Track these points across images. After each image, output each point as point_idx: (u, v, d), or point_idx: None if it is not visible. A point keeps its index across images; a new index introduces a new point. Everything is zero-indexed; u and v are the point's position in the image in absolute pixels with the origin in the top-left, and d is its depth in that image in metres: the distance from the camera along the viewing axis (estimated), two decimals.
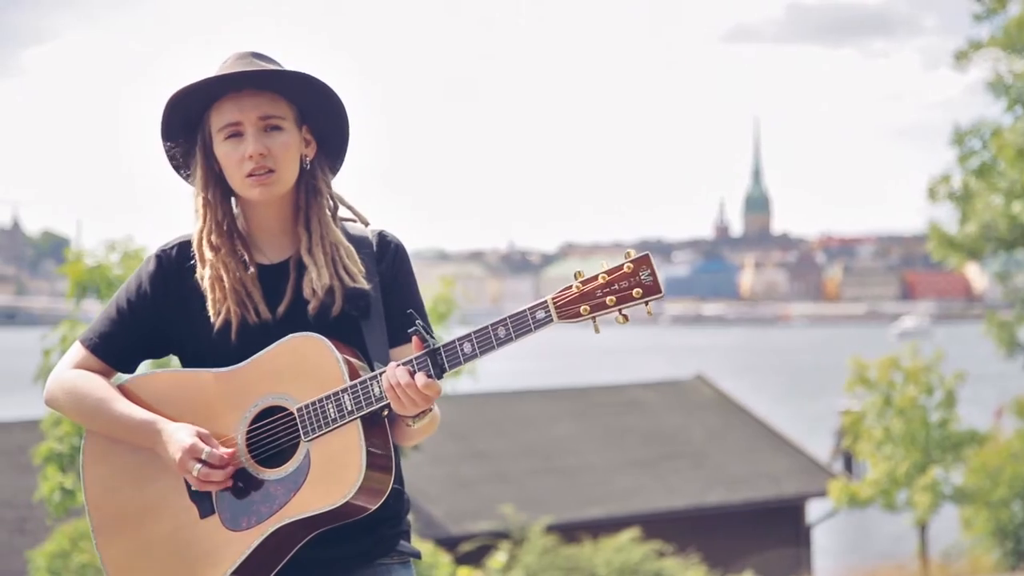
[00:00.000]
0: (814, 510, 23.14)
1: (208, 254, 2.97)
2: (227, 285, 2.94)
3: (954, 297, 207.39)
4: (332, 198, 3.06)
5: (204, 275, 2.95)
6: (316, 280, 2.94)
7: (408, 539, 3.07)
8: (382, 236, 3.08)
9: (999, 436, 21.86)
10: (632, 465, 21.57)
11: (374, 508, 2.87)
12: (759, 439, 23.32)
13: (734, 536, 21.12)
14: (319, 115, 3.02)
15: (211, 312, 2.94)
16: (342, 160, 3.09)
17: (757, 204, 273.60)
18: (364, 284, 2.97)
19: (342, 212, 3.09)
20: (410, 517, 3.11)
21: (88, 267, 11.29)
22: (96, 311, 11.52)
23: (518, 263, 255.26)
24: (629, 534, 16.05)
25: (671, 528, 19.08)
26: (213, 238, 2.98)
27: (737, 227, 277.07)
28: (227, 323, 2.94)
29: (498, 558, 15.34)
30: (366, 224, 3.09)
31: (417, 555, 3.07)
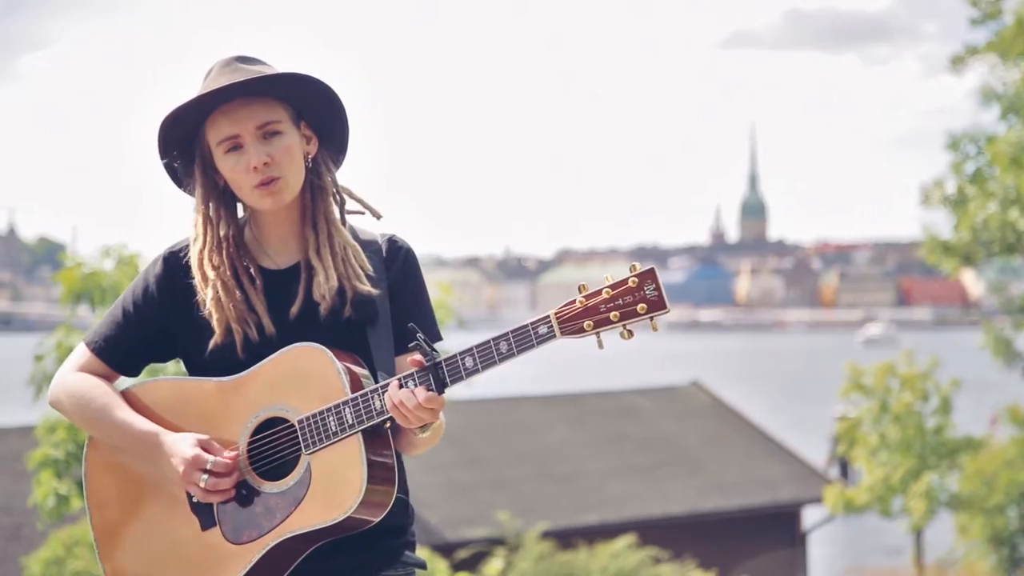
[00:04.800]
0: (810, 516, 23.14)
1: (210, 273, 2.92)
2: (226, 305, 2.90)
3: (950, 303, 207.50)
4: (339, 192, 3.01)
5: (206, 295, 2.91)
6: (324, 282, 2.90)
7: (413, 549, 3.02)
8: (392, 241, 3.03)
9: (994, 443, 21.88)
10: (628, 471, 21.57)
11: (376, 520, 2.84)
12: (755, 445, 23.32)
13: (730, 542, 21.12)
14: (315, 109, 2.97)
15: (215, 330, 2.91)
16: (345, 151, 3.04)
17: (753, 210, 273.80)
18: (370, 288, 2.92)
19: (351, 205, 3.04)
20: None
21: (83, 274, 11.29)
22: (91, 318, 11.54)
23: (514, 269, 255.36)
24: (625, 540, 16.05)
25: (667, 534, 19.09)
26: (213, 257, 2.93)
27: (733, 233, 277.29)
28: (230, 340, 2.91)
29: (494, 564, 15.34)
30: (377, 217, 3.05)
31: (423, 565, 3.03)
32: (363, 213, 3.05)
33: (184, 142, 2.96)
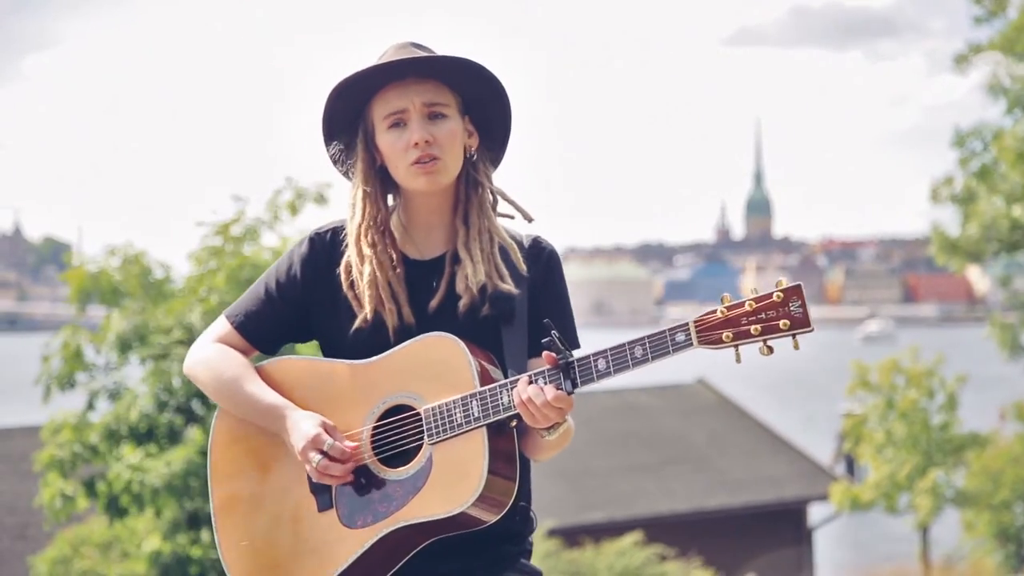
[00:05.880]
0: (816, 513, 23.13)
1: (367, 250, 2.90)
2: (381, 283, 2.87)
3: (956, 300, 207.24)
4: (493, 192, 2.98)
5: (363, 272, 2.89)
6: (472, 276, 2.87)
7: (529, 558, 2.97)
8: (536, 240, 2.99)
9: (1000, 439, 21.85)
10: (634, 469, 21.56)
11: (493, 521, 2.79)
12: (761, 443, 23.31)
13: (736, 540, 21.11)
14: (482, 104, 2.95)
15: (366, 308, 2.88)
16: (503, 153, 3.01)
17: (758, 207, 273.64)
18: (512, 288, 2.89)
19: (503, 207, 3.01)
20: None
21: (89, 273, 11.30)
22: (99, 317, 11.54)
23: None
24: (631, 538, 16.05)
25: (673, 532, 19.08)
26: (371, 234, 2.91)
27: (738, 230, 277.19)
28: (376, 319, 2.88)
29: None
30: (529, 220, 3.00)
31: (538, 574, 2.98)
32: (512, 217, 3.01)
33: (348, 119, 2.95)
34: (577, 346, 2.90)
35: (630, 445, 22.35)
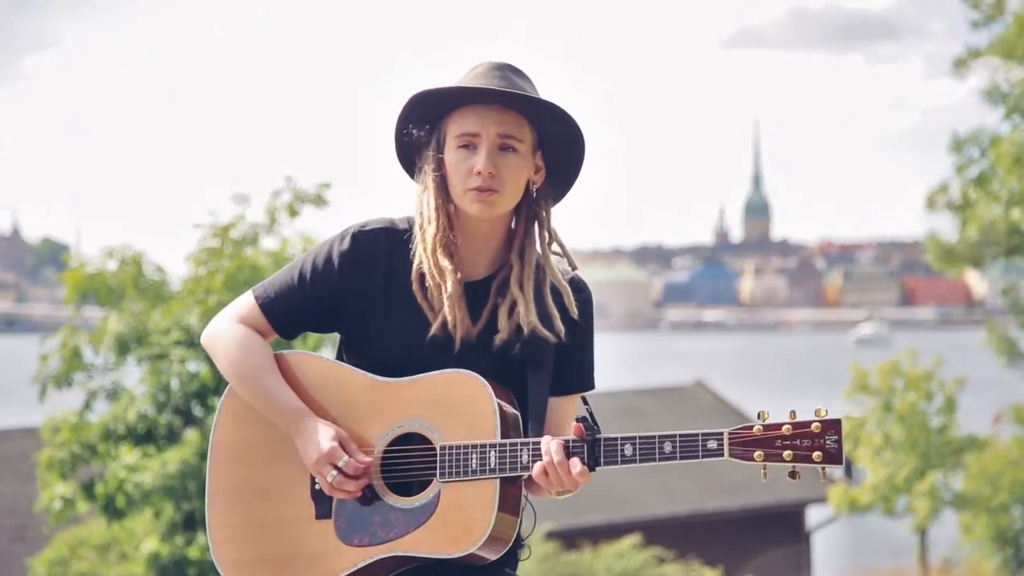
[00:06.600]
0: (814, 516, 23.13)
1: (444, 263, 2.87)
2: (453, 295, 2.87)
3: (954, 303, 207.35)
4: (550, 231, 2.97)
5: (444, 285, 2.86)
6: (524, 315, 2.86)
7: (515, 568, 3.00)
8: (576, 281, 2.99)
9: (998, 442, 21.86)
10: (632, 471, 21.54)
11: (495, 559, 2.83)
12: None
13: (734, 542, 21.12)
14: (557, 144, 2.94)
15: (447, 317, 2.86)
16: (566, 194, 3.01)
17: (757, 210, 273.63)
18: (554, 336, 2.88)
19: (554, 248, 3.00)
20: None
21: (87, 274, 11.30)
22: (96, 318, 11.55)
23: None
24: (629, 540, 16.05)
25: (672, 534, 19.09)
26: (450, 246, 2.89)
27: (737, 233, 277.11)
28: (447, 330, 2.87)
29: None
30: (574, 268, 3.00)
31: None
32: (561, 257, 3.00)
33: (423, 124, 2.94)
34: (593, 387, 2.98)
35: None
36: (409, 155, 2.99)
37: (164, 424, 10.63)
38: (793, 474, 2.69)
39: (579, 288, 2.98)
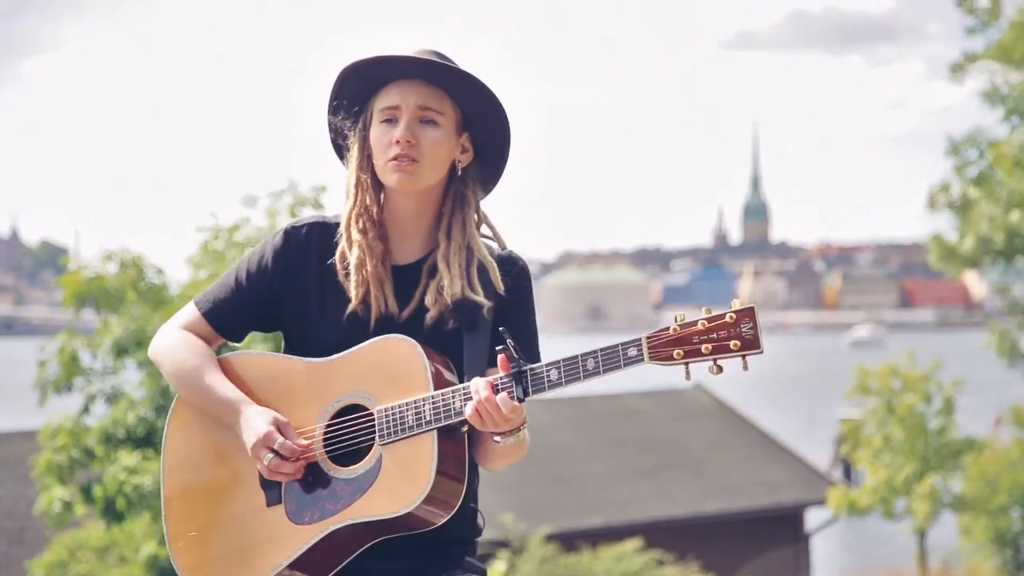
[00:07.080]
0: (813, 518, 23.12)
1: (356, 236, 2.93)
2: (369, 271, 2.91)
3: (953, 305, 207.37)
4: (478, 212, 3.01)
5: (350, 256, 2.92)
6: (448, 288, 2.90)
7: (474, 556, 3.03)
8: (510, 256, 3.02)
9: (997, 444, 21.86)
10: (631, 474, 21.56)
11: (441, 522, 2.83)
12: (758, 447, 23.31)
13: (734, 544, 21.11)
14: (482, 125, 2.97)
15: (352, 293, 2.91)
16: (496, 180, 3.04)
17: (756, 212, 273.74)
18: (481, 299, 2.92)
19: (484, 230, 3.03)
20: None
21: (86, 277, 11.30)
22: (95, 321, 11.55)
23: None
24: (629, 543, 16.05)
25: (671, 537, 19.08)
26: (362, 221, 2.94)
27: (736, 235, 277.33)
28: (363, 308, 2.91)
29: (498, 567, 15.33)
30: (503, 248, 3.04)
31: (483, 572, 3.03)
32: (490, 239, 3.04)
33: (352, 105, 2.98)
34: (537, 360, 2.91)
35: (628, 450, 22.34)
36: (340, 142, 3.03)
37: (163, 427, 10.62)
38: (715, 370, 2.68)
39: (513, 261, 3.01)
